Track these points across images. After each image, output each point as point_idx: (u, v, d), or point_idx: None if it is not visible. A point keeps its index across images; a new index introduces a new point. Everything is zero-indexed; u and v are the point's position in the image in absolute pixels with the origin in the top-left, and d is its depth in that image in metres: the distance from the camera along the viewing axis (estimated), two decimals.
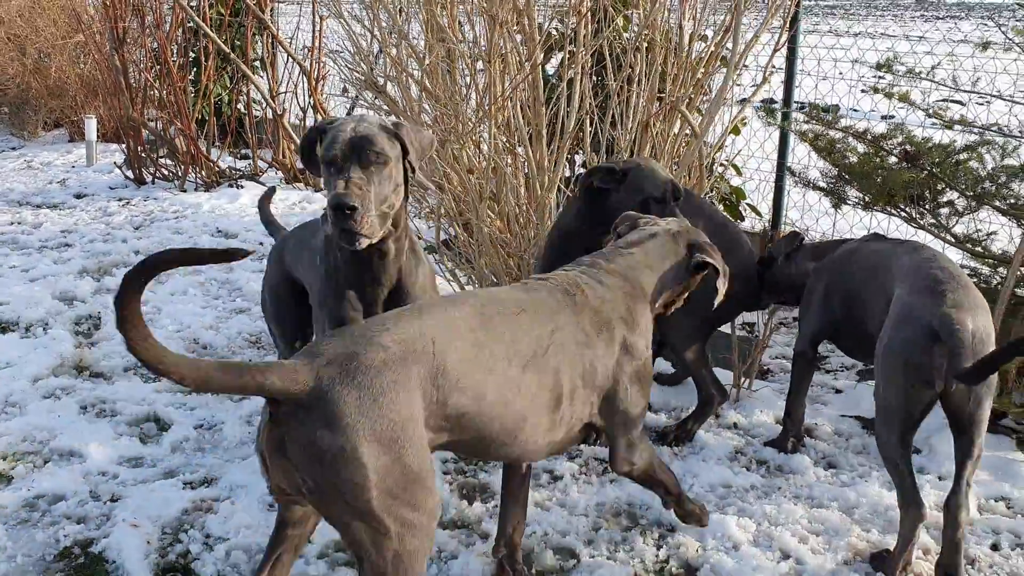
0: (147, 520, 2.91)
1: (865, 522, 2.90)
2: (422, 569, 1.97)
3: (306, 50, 7.59)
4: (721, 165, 5.11)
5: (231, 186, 7.38)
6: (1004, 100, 3.74)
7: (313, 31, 7.34)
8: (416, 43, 4.33)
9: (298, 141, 7.35)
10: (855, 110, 4.95)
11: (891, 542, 2.77)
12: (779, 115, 4.45)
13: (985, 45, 3.71)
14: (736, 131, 5.20)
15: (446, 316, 2.12)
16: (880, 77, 4.04)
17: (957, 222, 3.91)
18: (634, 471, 2.52)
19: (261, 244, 6.05)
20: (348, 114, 7.92)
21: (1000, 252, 3.87)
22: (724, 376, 3.67)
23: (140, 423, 3.58)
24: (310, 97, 7.53)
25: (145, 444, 3.44)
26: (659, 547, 2.80)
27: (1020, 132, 3.77)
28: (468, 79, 4.14)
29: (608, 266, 2.50)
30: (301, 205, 7.02)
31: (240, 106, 8.33)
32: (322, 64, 7.47)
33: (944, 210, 3.88)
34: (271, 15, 7.90)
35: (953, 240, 3.82)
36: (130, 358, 4.04)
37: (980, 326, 2.50)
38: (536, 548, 2.79)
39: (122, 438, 3.44)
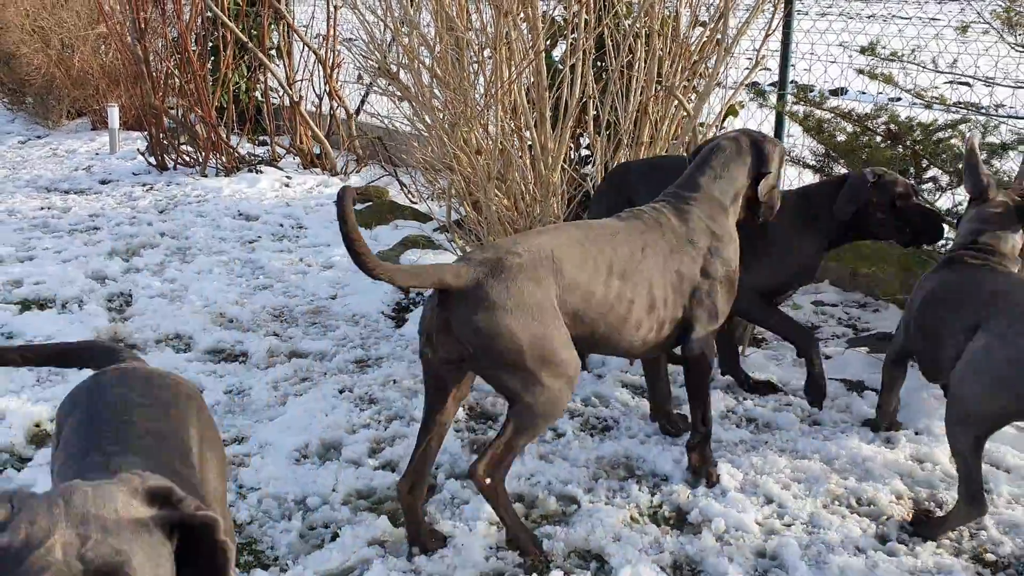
0: None
1: (844, 471, 3.14)
2: (562, 411, 2.69)
3: (321, 38, 7.84)
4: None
5: (251, 171, 7.65)
6: (983, 82, 3.95)
7: (328, 20, 7.59)
8: (427, 32, 4.57)
9: (315, 128, 7.62)
10: (863, 92, 5.14)
11: (867, 490, 3.02)
12: (774, 97, 4.66)
13: (964, 28, 3.92)
14: (734, 113, 5.42)
15: (560, 234, 2.77)
16: (883, 59, 4.25)
17: (940, 196, 4.14)
18: (699, 359, 3.00)
19: (281, 225, 6.33)
20: (362, 103, 8.21)
21: None
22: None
23: None
24: (326, 84, 7.81)
25: None
26: (653, 494, 3.06)
27: (998, 111, 3.98)
28: (476, 66, 4.38)
29: (685, 193, 3.06)
30: (319, 189, 7.28)
31: (258, 94, 8.59)
32: (337, 52, 7.73)
33: (927, 185, 4.10)
34: (286, 4, 8.15)
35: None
36: (160, 331, 4.35)
37: None
38: (540, 495, 3.05)
39: None
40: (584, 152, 5.34)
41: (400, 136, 6.40)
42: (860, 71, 4.13)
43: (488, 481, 2.63)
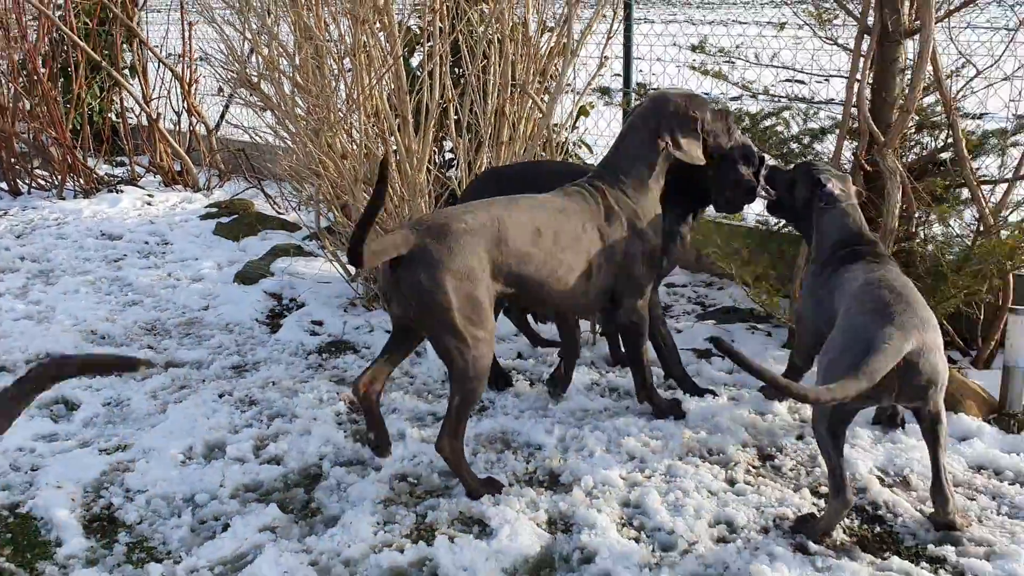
0: (69, 483, 3.21)
1: (696, 427, 3.46)
2: (488, 369, 3.03)
3: (176, 56, 7.78)
4: (575, 144, 5.66)
5: (111, 191, 7.52)
6: (803, 73, 4.39)
7: (183, 37, 7.55)
8: (286, 42, 4.69)
9: (174, 145, 7.56)
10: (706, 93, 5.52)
11: (717, 441, 3.34)
12: (619, 96, 5.01)
13: (781, 26, 4.35)
14: (585, 113, 5.76)
15: (509, 206, 3.11)
16: (710, 55, 4.65)
17: None
18: (628, 328, 3.43)
19: (146, 243, 6.28)
20: (222, 117, 8.18)
21: None
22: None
23: (50, 405, 3.84)
24: (184, 101, 7.75)
25: (57, 422, 3.71)
26: (528, 462, 3.29)
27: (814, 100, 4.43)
28: (337, 73, 4.53)
29: (608, 172, 3.38)
30: (182, 205, 7.23)
31: (112, 115, 8.43)
32: (194, 69, 7.69)
33: None
34: (138, 23, 8.05)
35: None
36: (29, 351, 4.30)
37: (926, 343, 2.68)
38: (424, 473, 3.23)
39: (34, 419, 3.70)
40: (448, 156, 5.56)
41: (264, 148, 6.46)
42: (693, 67, 4.52)
43: (449, 451, 3.01)
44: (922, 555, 2.71)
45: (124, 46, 8.05)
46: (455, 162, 5.00)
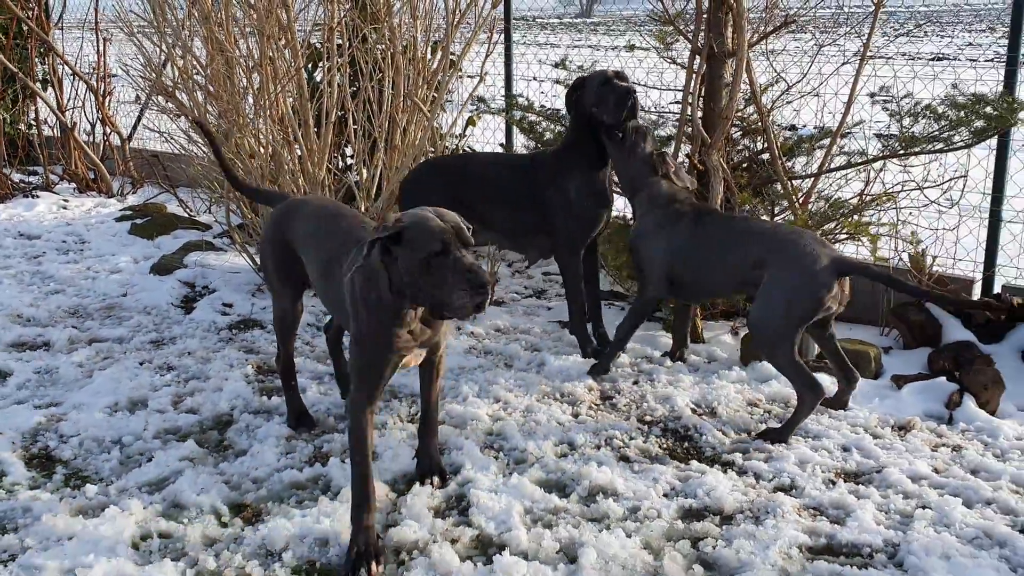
0: (8, 430, 3.69)
1: (552, 377, 4.14)
2: None
3: (91, 69, 8.19)
4: (463, 150, 6.34)
5: (26, 196, 7.86)
6: (645, 86, 5.16)
7: (97, 52, 7.98)
8: (199, 54, 5.25)
9: (89, 153, 7.94)
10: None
11: (569, 387, 4.03)
12: (493, 105, 5.71)
13: (631, 47, 5.11)
14: (473, 123, 6.46)
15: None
16: (572, 71, 5.38)
17: None
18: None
19: (64, 242, 6.68)
20: (135, 126, 8.61)
21: None
22: None
23: None
24: (98, 112, 8.16)
25: None
26: (411, 407, 3.91)
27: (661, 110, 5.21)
28: (245, 83, 5.11)
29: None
30: (97, 210, 7.62)
31: (22, 126, 8.74)
32: (107, 81, 8.12)
33: None
34: (53, 38, 8.42)
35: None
36: None
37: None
38: (321, 417, 3.81)
39: None
40: (349, 161, 6.16)
41: (177, 156, 6.96)
42: (557, 82, 5.25)
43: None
44: (717, 460, 3.44)
45: (38, 60, 8.39)
46: (354, 166, 5.61)
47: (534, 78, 6.28)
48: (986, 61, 6.29)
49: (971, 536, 2.90)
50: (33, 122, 8.58)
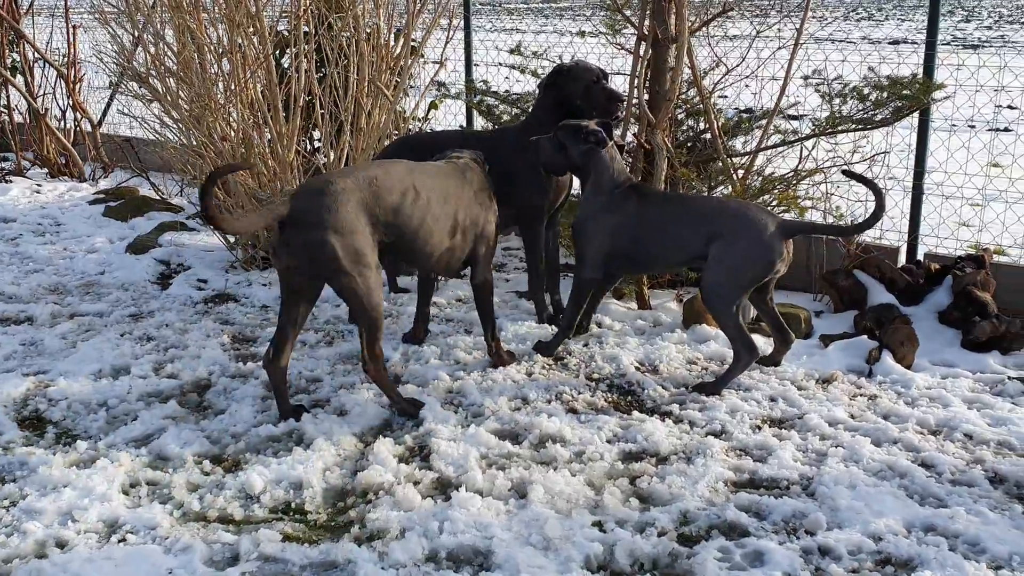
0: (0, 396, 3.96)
1: (508, 342, 4.46)
2: (381, 300, 3.59)
3: (62, 56, 8.36)
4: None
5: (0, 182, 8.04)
6: None
7: (68, 39, 8.15)
8: (171, 42, 5.49)
9: (61, 138, 8.12)
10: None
11: (525, 349, 4.35)
12: (453, 90, 6.00)
13: (582, 33, 5.43)
14: (435, 106, 6.75)
15: (385, 168, 3.71)
16: (526, 56, 5.69)
17: None
18: (482, 284, 4.11)
19: (40, 224, 6.89)
20: (105, 111, 8.80)
21: None
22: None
23: None
24: (69, 98, 8.34)
25: None
26: None
27: None
28: (216, 69, 5.36)
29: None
30: (70, 193, 7.82)
31: None
32: (78, 68, 8.30)
33: None
34: (23, 25, 8.57)
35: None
36: None
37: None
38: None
39: None
40: (317, 144, 6.43)
41: (149, 141, 7.18)
42: (512, 67, 5.55)
43: (374, 371, 3.68)
44: (656, 411, 3.78)
45: (8, 47, 8.54)
46: (321, 148, 5.89)
47: (499, 64, 6.58)
48: (908, 44, 6.69)
49: (876, 470, 3.27)
50: (4, 108, 8.73)
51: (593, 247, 4.27)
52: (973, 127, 6.59)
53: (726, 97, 5.81)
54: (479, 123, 6.28)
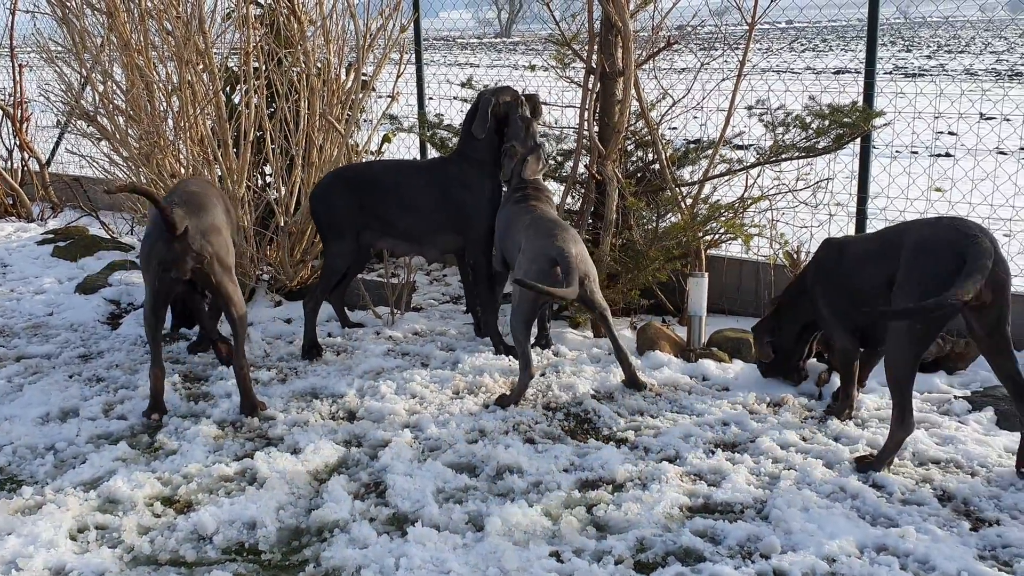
0: None
1: (467, 374, 4.46)
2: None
3: (9, 96, 8.26)
4: None
5: None
6: (547, 104, 5.55)
7: (13, 79, 8.06)
8: (120, 80, 5.45)
9: (7, 178, 8.00)
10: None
11: (481, 380, 4.35)
12: (406, 123, 6.04)
13: (532, 67, 5.49)
14: (388, 139, 6.77)
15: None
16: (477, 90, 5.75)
17: None
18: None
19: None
20: (54, 151, 8.70)
21: None
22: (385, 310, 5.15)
23: None
24: (15, 137, 8.24)
25: None
26: (332, 405, 4.18)
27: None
28: (165, 106, 5.33)
29: None
30: (17, 234, 7.69)
31: None
32: (24, 108, 8.20)
33: None
34: None
35: None
36: None
37: (578, 251, 4.07)
38: (247, 420, 4.06)
39: None
40: (268, 179, 6.40)
41: (98, 180, 7.10)
42: (463, 100, 5.60)
43: (239, 367, 4.05)
44: (612, 438, 3.80)
45: None
46: (272, 183, 5.86)
47: (452, 97, 6.63)
48: (850, 73, 6.87)
49: (828, 491, 3.31)
50: None
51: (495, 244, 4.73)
52: (916, 153, 6.78)
53: (674, 128, 5.91)
54: (433, 155, 6.32)
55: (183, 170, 5.39)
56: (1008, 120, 7.80)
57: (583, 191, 5.26)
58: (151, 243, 3.99)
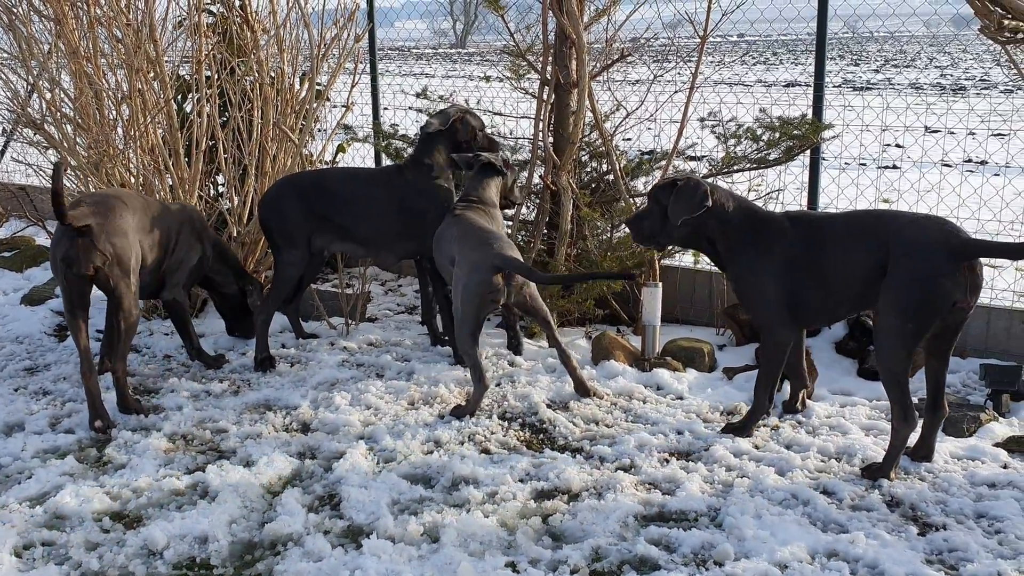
0: None
1: (420, 384, 4.45)
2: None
3: None
4: None
5: None
6: (502, 115, 5.57)
7: None
8: (68, 88, 5.36)
9: None
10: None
11: (439, 391, 4.34)
12: (360, 133, 6.02)
13: (487, 78, 5.52)
14: (343, 149, 6.73)
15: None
16: (432, 100, 5.75)
17: None
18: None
19: None
20: (1, 153, 8.50)
21: None
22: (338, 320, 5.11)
23: None
24: None
25: None
26: (286, 418, 4.14)
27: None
28: (115, 114, 5.25)
29: None
30: None
31: None
32: None
33: None
34: None
35: None
36: None
37: (515, 255, 4.12)
38: (197, 432, 3.99)
39: None
40: (221, 189, 6.33)
41: (45, 190, 6.96)
42: (418, 110, 5.60)
43: (120, 373, 4.12)
44: (568, 448, 3.81)
45: None
46: (225, 193, 5.80)
47: (407, 108, 6.63)
48: (800, 86, 6.99)
49: (780, 499, 3.35)
50: None
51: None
52: (864, 165, 6.92)
53: (628, 139, 5.97)
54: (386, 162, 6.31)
55: (132, 179, 5.31)
56: (952, 133, 8.01)
57: (538, 201, 5.28)
58: (56, 239, 4.04)
